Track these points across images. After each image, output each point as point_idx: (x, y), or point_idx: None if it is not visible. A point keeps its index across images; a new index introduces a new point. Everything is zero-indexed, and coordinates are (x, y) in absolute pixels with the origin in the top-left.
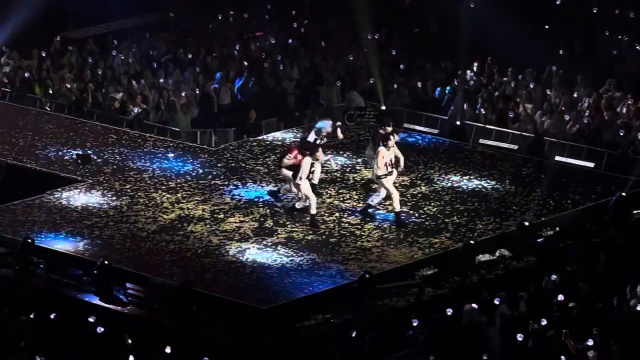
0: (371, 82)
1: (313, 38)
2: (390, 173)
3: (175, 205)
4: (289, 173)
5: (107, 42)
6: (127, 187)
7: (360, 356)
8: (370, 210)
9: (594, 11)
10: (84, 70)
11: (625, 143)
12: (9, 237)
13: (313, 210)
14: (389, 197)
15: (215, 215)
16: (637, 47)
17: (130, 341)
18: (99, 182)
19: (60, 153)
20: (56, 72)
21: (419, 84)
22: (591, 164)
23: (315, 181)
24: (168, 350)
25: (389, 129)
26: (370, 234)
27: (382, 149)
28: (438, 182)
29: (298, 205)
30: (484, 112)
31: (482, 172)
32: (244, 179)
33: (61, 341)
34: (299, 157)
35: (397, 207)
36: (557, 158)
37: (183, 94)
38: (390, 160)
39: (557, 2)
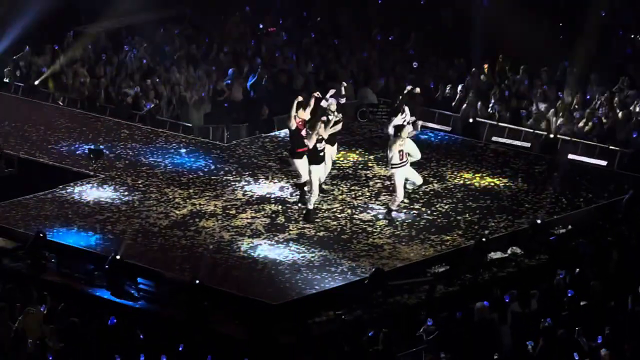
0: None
1: (326, 35)
2: (404, 163)
3: (187, 200)
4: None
5: (120, 37)
6: (139, 182)
7: (373, 353)
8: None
9: (602, 14)
10: (97, 65)
11: (638, 141)
12: (21, 231)
13: (311, 205)
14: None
15: (227, 211)
16: None
17: (142, 336)
18: (111, 177)
19: (72, 148)
20: (69, 66)
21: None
22: (604, 162)
23: (325, 173)
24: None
25: (407, 116)
26: (382, 230)
27: (396, 138)
28: (450, 180)
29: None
30: (497, 108)
31: (494, 169)
32: (256, 175)
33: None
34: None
35: (393, 207)
36: (570, 156)
37: (195, 90)
38: (403, 152)
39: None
